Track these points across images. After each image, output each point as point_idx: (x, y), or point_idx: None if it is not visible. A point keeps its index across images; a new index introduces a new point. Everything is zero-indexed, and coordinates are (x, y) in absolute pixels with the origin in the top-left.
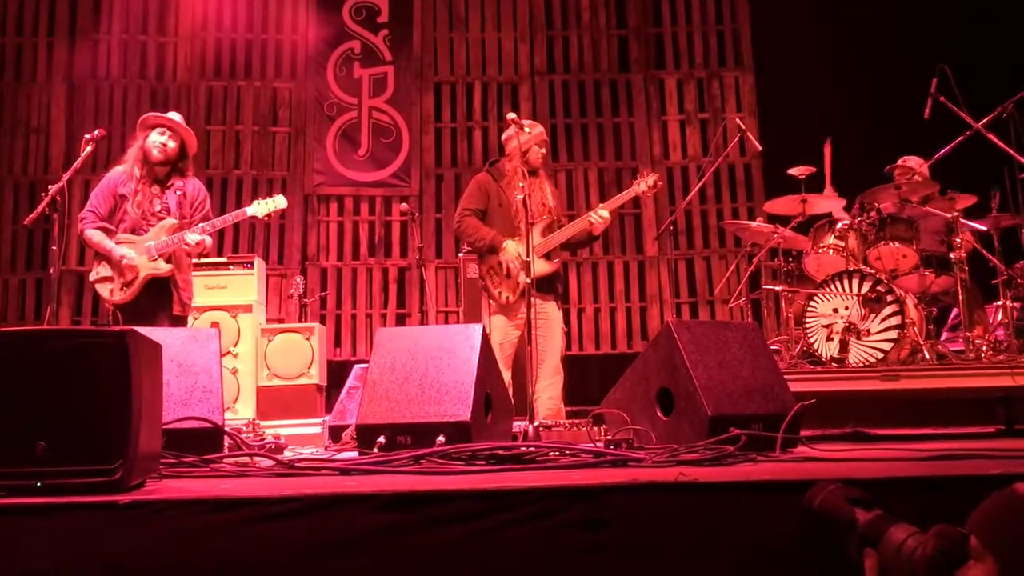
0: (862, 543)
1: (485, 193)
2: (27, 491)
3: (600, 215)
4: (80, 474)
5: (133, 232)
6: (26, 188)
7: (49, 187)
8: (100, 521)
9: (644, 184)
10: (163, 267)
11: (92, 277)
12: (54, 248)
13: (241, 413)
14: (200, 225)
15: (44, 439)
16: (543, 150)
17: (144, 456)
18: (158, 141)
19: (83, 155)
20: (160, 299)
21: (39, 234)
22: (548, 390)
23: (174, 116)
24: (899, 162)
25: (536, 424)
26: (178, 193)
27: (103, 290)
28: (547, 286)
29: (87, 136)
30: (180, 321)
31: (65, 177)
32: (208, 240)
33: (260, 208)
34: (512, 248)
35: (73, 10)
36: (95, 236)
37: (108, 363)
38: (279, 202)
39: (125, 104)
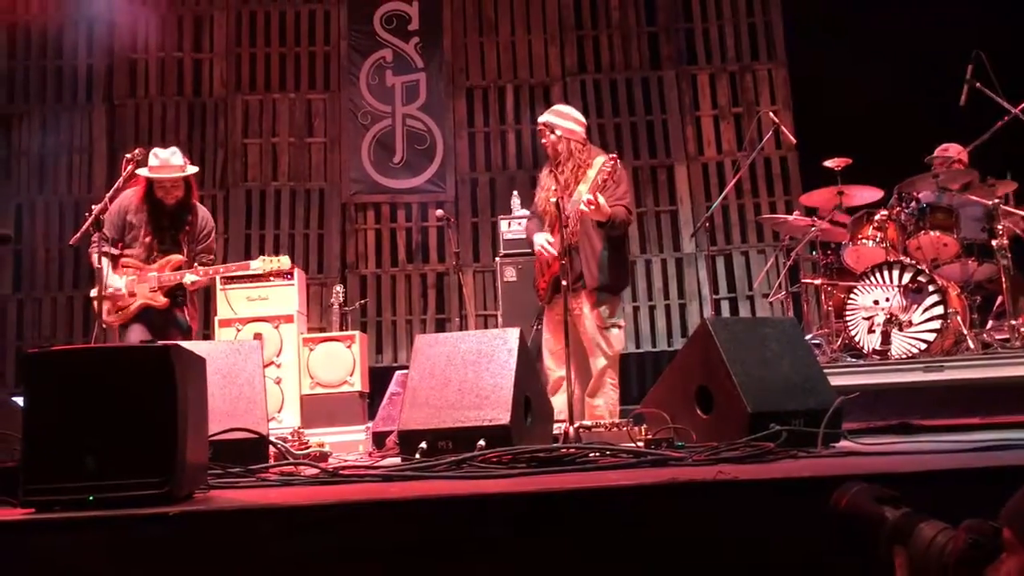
0: (891, 542)
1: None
2: (80, 505)
3: (582, 205)
4: (130, 487)
5: (141, 260)
6: (71, 207)
7: (93, 207)
8: (151, 533)
9: (594, 169)
10: (160, 300)
11: (93, 294)
12: (99, 267)
13: (285, 422)
14: (201, 269)
15: (95, 454)
16: (542, 140)
17: (192, 468)
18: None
19: (124, 174)
20: (164, 327)
21: (85, 252)
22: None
23: (172, 159)
24: (937, 151)
25: (576, 425)
26: (187, 227)
27: (102, 309)
28: (570, 282)
29: (127, 156)
30: None
31: (108, 196)
32: (204, 279)
33: (263, 265)
34: (539, 237)
35: (111, 31)
36: (102, 262)
37: (154, 378)
38: (283, 262)
39: (164, 121)
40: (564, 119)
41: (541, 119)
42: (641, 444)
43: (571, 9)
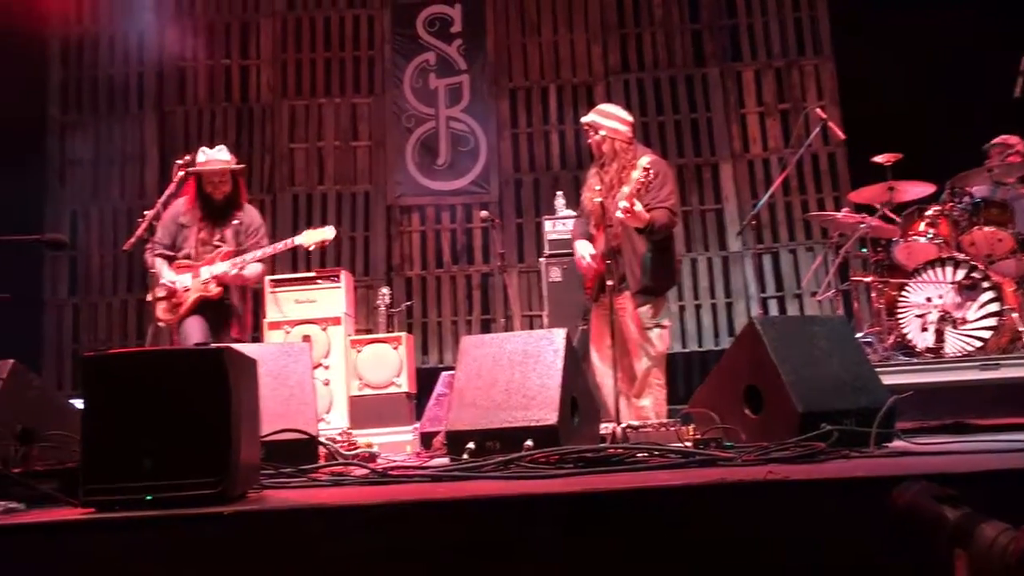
0: (951, 543)
1: None
2: (137, 505)
3: (618, 213)
4: (186, 487)
5: (191, 259)
6: (124, 214)
7: (145, 212)
8: (207, 532)
9: (638, 171)
10: (212, 290)
11: (149, 298)
12: (153, 271)
13: (334, 423)
14: (251, 254)
15: (151, 455)
16: (587, 140)
17: (245, 468)
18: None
19: (175, 180)
20: (219, 322)
21: (138, 257)
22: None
23: (218, 155)
24: (998, 139)
25: (624, 425)
26: (236, 222)
27: (158, 310)
28: (614, 283)
29: (177, 163)
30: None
31: (159, 203)
32: (259, 267)
33: (308, 238)
34: (582, 247)
35: (161, 40)
36: (157, 263)
37: (208, 380)
38: (327, 233)
39: (213, 127)
40: (608, 118)
41: (586, 119)
42: (689, 444)
43: (613, 8)
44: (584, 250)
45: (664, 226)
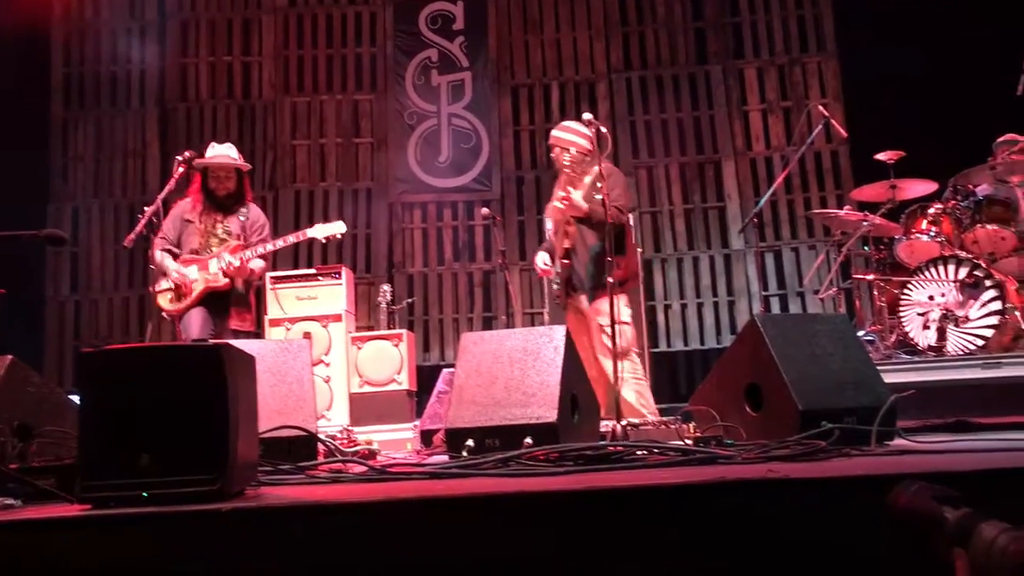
0: (951, 543)
1: None
2: (134, 502)
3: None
4: (183, 484)
5: (197, 253)
6: (126, 210)
7: (145, 208)
8: (204, 529)
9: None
10: (221, 280)
11: (154, 288)
12: (153, 267)
13: (334, 420)
14: (262, 247)
15: (148, 451)
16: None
17: (243, 465)
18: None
19: (175, 176)
20: (221, 313)
21: (139, 253)
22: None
23: (228, 151)
24: (1004, 137)
25: (624, 423)
26: (242, 218)
27: (163, 300)
28: (575, 283)
29: (178, 158)
30: (241, 336)
31: (159, 198)
32: (261, 263)
33: (319, 231)
34: (538, 258)
35: (162, 36)
36: (158, 256)
37: (205, 376)
38: (338, 227)
39: (215, 123)
40: (566, 132)
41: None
42: (689, 442)
43: (616, 5)
44: (539, 260)
45: (608, 216)
